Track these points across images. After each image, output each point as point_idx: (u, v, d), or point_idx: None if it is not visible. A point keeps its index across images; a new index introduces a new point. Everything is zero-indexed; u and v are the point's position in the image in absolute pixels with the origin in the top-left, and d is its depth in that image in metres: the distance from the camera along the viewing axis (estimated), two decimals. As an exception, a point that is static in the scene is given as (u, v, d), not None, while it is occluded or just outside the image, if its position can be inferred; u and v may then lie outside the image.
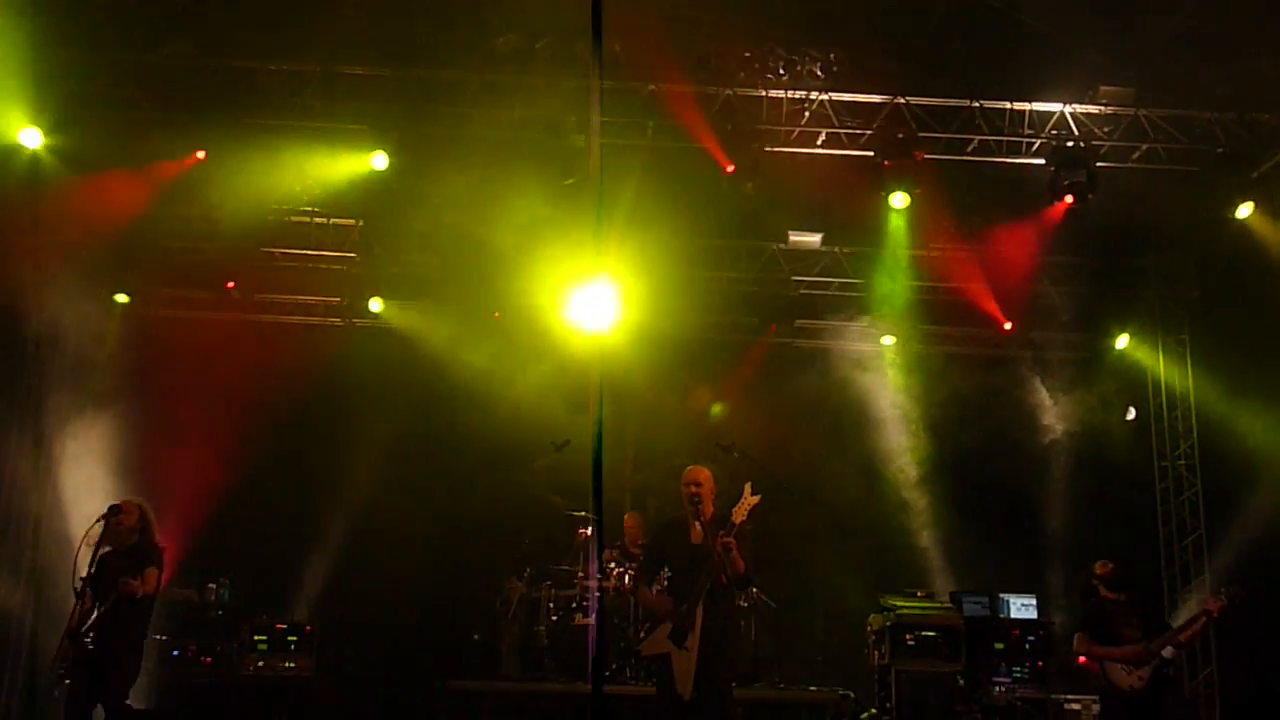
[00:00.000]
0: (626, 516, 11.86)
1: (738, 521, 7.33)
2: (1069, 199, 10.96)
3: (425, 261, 12.73)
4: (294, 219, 12.51)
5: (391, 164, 11.02)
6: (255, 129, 10.90)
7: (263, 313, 12.96)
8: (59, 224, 10.91)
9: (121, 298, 12.39)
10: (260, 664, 10.09)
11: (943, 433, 12.63)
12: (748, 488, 7.43)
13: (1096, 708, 10.42)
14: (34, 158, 10.55)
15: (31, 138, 10.40)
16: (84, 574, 7.61)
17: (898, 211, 11.54)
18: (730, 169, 11.04)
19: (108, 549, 8.32)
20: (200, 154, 11.30)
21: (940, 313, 13.33)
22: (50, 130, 10.49)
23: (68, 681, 7.84)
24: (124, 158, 11.01)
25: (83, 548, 7.69)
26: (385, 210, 12.30)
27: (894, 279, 12.71)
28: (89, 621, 7.97)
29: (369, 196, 11.88)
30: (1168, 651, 8.46)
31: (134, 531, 8.33)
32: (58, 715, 8.01)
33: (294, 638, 10.28)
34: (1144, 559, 12.71)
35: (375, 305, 13.07)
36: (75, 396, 11.69)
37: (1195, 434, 12.94)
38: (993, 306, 13.07)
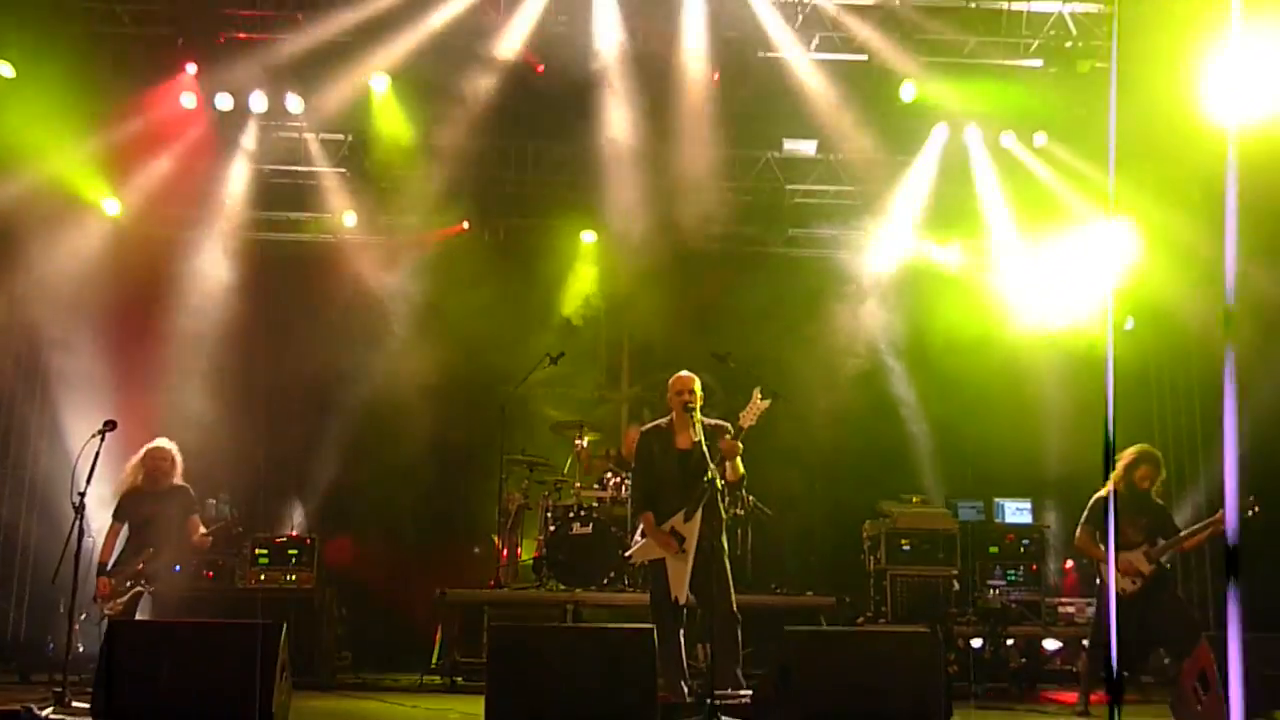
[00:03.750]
0: (629, 430, 11.90)
1: (746, 426, 7.37)
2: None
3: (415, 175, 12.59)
4: (281, 134, 12.38)
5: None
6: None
7: (253, 229, 12.83)
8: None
9: (110, 206, 12.23)
10: (262, 577, 10.16)
11: (939, 339, 12.58)
12: (757, 392, 7.45)
13: (1090, 610, 10.57)
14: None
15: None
16: (81, 489, 7.67)
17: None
18: (715, 77, 10.94)
19: (136, 486, 8.57)
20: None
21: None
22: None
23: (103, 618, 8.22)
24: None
25: (79, 462, 7.74)
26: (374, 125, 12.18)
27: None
28: (137, 565, 8.44)
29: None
30: (1165, 557, 8.53)
31: (168, 476, 8.67)
32: (53, 619, 8.35)
33: (295, 551, 10.34)
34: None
35: (350, 219, 12.95)
36: (67, 312, 11.66)
37: (1192, 340, 12.88)
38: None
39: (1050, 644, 10.61)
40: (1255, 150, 4.24)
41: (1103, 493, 8.61)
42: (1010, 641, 10.48)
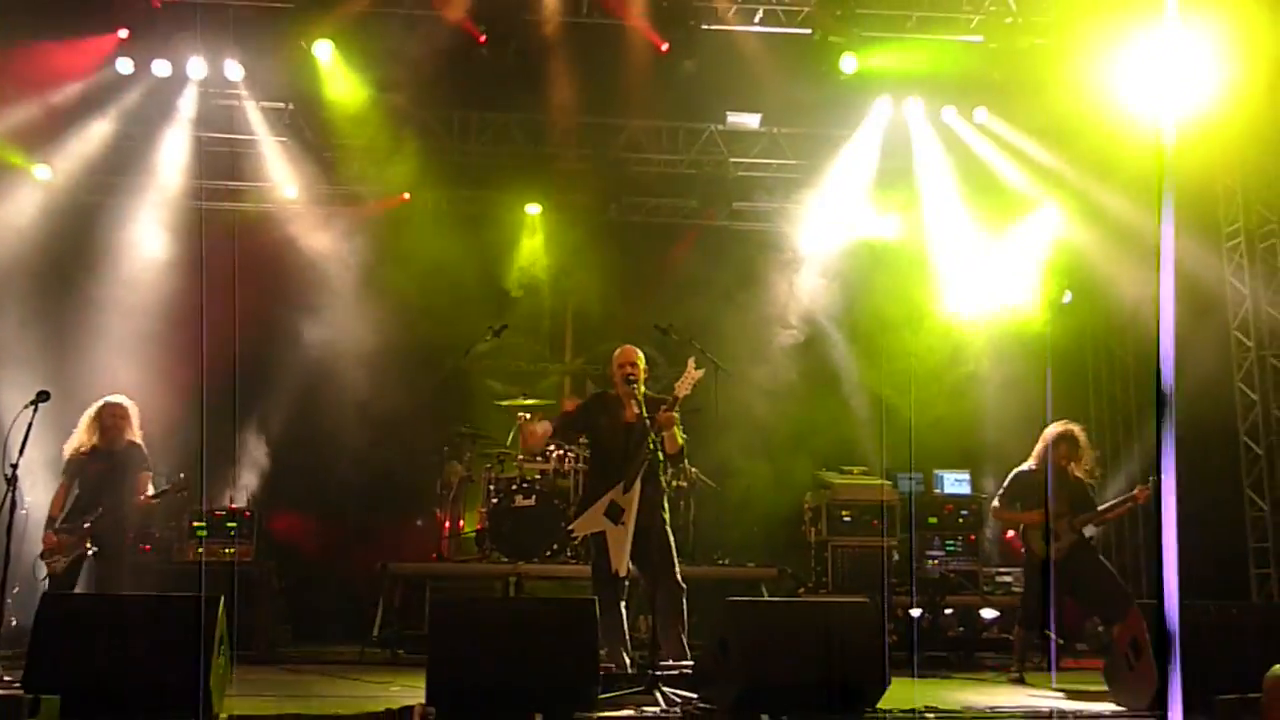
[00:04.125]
0: (566, 401, 11.90)
1: (681, 395, 7.41)
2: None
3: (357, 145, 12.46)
4: (221, 103, 12.19)
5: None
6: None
7: (195, 198, 12.64)
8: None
9: (42, 171, 11.99)
10: (201, 550, 10.07)
11: (879, 313, 12.68)
12: (691, 362, 7.52)
13: (1027, 579, 10.76)
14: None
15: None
16: (14, 460, 7.54)
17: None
18: (664, 47, 10.90)
19: (89, 444, 8.38)
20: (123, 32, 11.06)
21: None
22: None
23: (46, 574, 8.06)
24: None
25: (11, 433, 7.61)
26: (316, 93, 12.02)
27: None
28: (87, 522, 8.24)
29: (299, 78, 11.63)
30: (1089, 530, 8.76)
31: (121, 434, 8.45)
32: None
33: (234, 524, 10.27)
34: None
35: (290, 191, 12.81)
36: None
37: (1127, 313, 13.07)
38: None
39: (987, 613, 10.78)
40: (1188, 136, 4.32)
41: (1023, 466, 8.85)
42: (949, 611, 10.63)
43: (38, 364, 10.86)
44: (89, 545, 8.35)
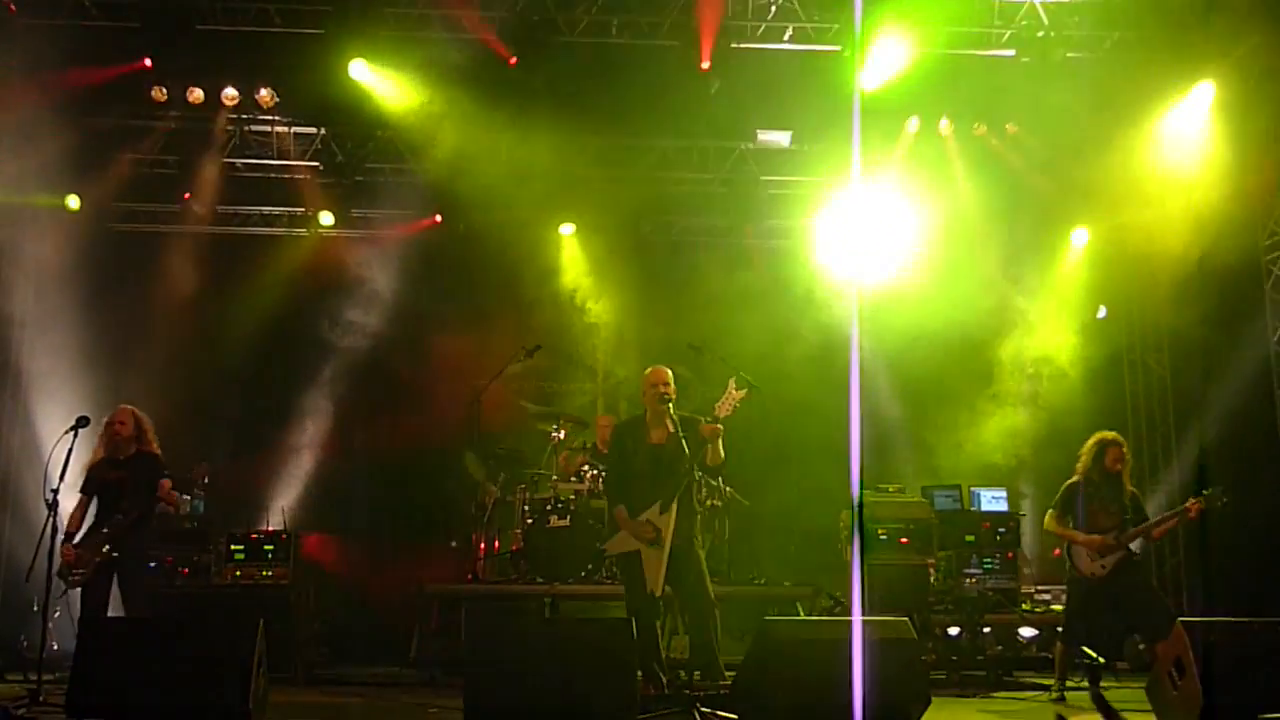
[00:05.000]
0: (600, 419, 11.90)
1: (721, 416, 7.37)
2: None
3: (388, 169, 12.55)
4: (253, 127, 12.30)
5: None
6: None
7: (223, 224, 12.76)
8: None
9: (73, 202, 12.12)
10: (238, 573, 10.10)
11: (914, 331, 12.62)
12: (732, 383, 7.47)
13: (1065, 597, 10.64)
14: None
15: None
16: (55, 486, 7.60)
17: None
18: (706, 65, 10.95)
19: (100, 456, 8.37)
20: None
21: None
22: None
23: (67, 588, 7.99)
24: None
25: (52, 459, 7.67)
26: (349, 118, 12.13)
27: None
28: (104, 531, 8.08)
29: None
30: (1136, 545, 8.59)
31: (132, 440, 8.38)
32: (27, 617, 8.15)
33: (270, 546, 10.29)
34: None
35: (327, 218, 12.91)
36: (35, 305, 11.58)
37: (1164, 327, 12.98)
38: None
39: (1026, 631, 10.67)
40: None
41: (1074, 478, 8.69)
42: (987, 630, 10.53)
43: (80, 391, 10.98)
44: (106, 548, 8.10)
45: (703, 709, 6.53)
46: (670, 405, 7.52)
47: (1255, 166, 11.49)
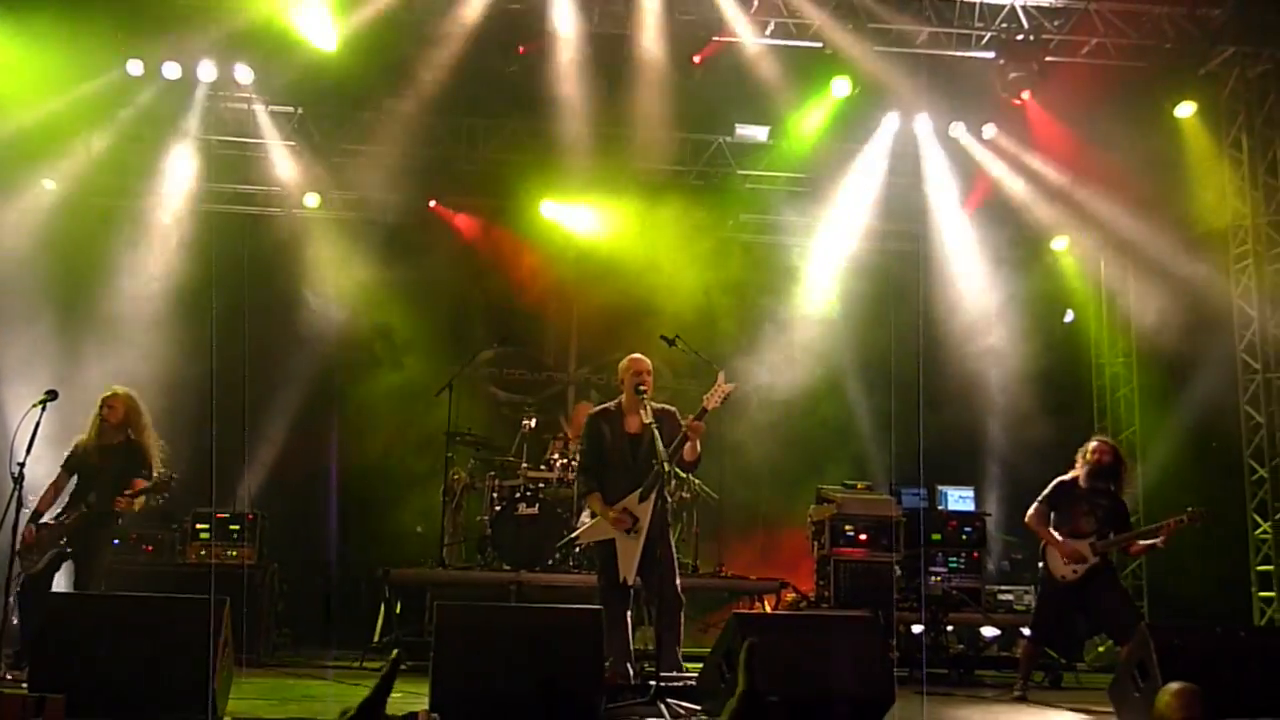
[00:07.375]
0: (579, 405, 11.90)
1: (710, 408, 7.35)
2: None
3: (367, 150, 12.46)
4: (230, 105, 12.20)
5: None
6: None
7: (200, 201, 12.64)
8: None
9: (49, 184, 12.00)
10: (202, 552, 10.03)
11: (887, 331, 12.68)
12: (721, 375, 7.45)
13: (1029, 598, 10.72)
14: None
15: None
16: (20, 459, 7.49)
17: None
18: (698, 60, 10.95)
19: (89, 436, 8.25)
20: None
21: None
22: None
23: (22, 570, 7.87)
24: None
25: (18, 433, 7.57)
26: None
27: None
28: (68, 519, 8.01)
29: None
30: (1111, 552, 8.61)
31: (120, 428, 8.27)
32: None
33: (236, 526, 10.23)
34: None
35: (311, 200, 12.83)
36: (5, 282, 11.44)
37: (1133, 333, 13.06)
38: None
39: (988, 631, 10.74)
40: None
41: (1066, 476, 8.68)
42: (950, 628, 10.59)
43: (49, 367, 10.84)
44: (62, 542, 8.04)
45: (670, 701, 6.53)
46: (646, 395, 7.51)
47: (1227, 173, 11.64)
